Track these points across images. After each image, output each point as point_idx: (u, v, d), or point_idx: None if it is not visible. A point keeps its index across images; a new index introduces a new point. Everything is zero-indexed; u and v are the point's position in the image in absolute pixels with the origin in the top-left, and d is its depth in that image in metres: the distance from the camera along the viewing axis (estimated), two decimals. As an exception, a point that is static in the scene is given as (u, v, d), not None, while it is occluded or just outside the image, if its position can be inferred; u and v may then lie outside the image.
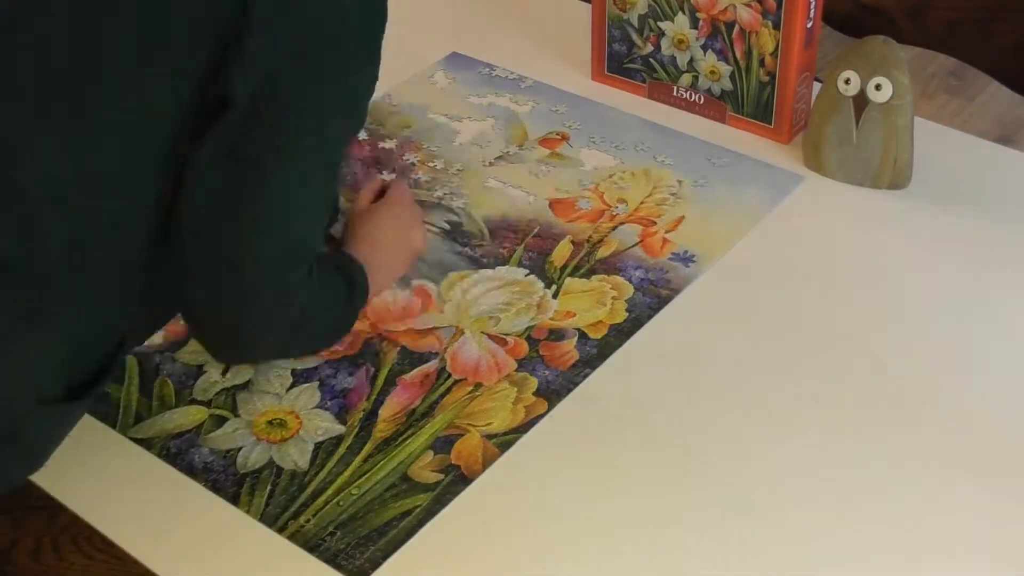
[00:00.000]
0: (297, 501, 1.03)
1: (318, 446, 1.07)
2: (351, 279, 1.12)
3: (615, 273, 1.24)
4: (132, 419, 1.10)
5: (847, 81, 1.29)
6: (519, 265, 1.25)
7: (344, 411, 1.10)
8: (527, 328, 1.18)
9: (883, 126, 1.30)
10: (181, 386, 1.13)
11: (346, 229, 1.24)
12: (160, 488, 1.05)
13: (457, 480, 1.04)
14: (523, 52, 1.58)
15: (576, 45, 1.56)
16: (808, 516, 1.01)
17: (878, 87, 1.28)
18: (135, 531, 1.02)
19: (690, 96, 1.46)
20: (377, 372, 1.14)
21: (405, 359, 1.15)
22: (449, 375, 1.14)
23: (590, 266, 1.25)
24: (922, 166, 1.34)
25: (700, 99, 1.46)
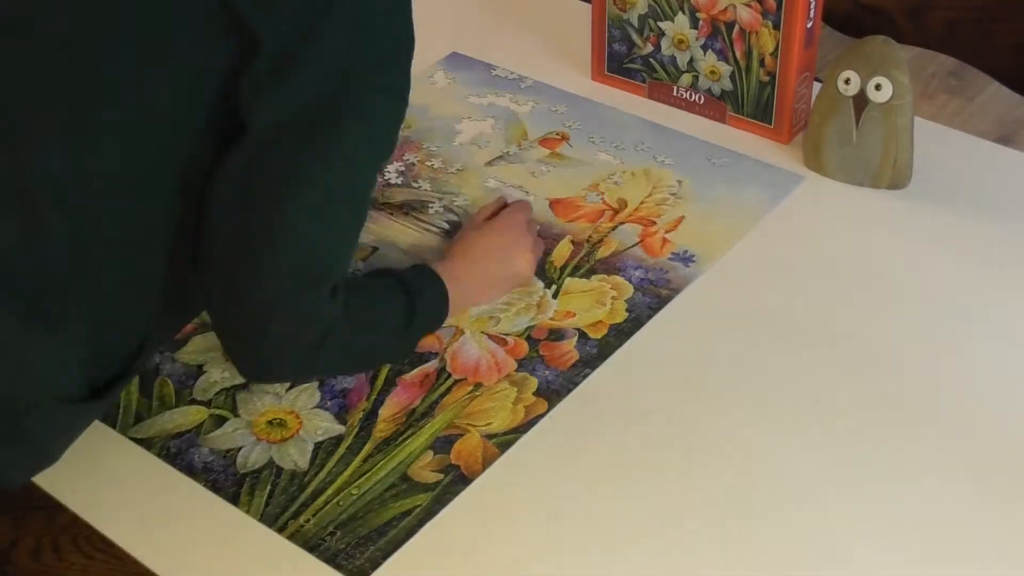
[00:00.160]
0: (297, 501, 1.03)
1: (318, 446, 1.07)
2: (413, 299, 1.09)
3: (615, 273, 1.24)
4: (132, 419, 1.10)
5: (847, 81, 1.29)
6: (519, 265, 1.25)
7: (344, 411, 1.10)
8: (527, 328, 1.18)
9: (883, 126, 1.30)
10: (181, 386, 1.13)
11: (453, 241, 1.23)
12: (160, 488, 1.05)
13: (457, 480, 1.04)
14: (523, 52, 1.58)
15: (576, 45, 1.56)
16: (808, 515, 1.01)
17: (878, 87, 1.28)
18: (135, 531, 1.02)
19: (690, 96, 1.46)
20: (377, 372, 1.14)
21: (405, 359, 1.15)
22: (449, 375, 1.14)
23: (590, 266, 1.25)
24: (922, 166, 1.34)
25: (700, 99, 1.46)
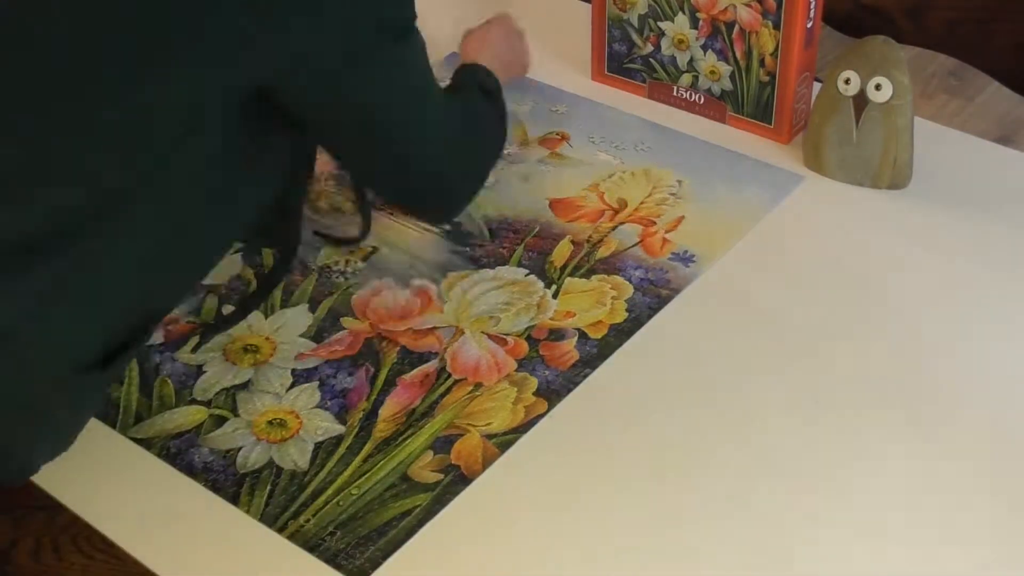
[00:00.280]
0: (297, 501, 1.03)
1: (318, 446, 1.07)
2: (488, 88, 1.25)
3: (615, 273, 1.24)
4: (132, 419, 1.10)
5: (847, 81, 1.29)
6: (519, 265, 1.25)
7: (344, 411, 1.10)
8: (527, 328, 1.18)
9: (883, 126, 1.30)
10: (181, 386, 1.13)
11: (466, 52, 1.36)
12: (160, 488, 1.05)
13: (457, 480, 1.04)
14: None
15: (576, 45, 1.56)
16: (807, 514, 1.01)
17: (878, 87, 1.28)
18: (135, 531, 1.02)
19: (690, 96, 1.46)
20: (377, 372, 1.14)
21: (405, 359, 1.15)
22: (449, 375, 1.14)
23: (590, 266, 1.25)
24: (922, 166, 1.34)
25: (700, 99, 1.46)
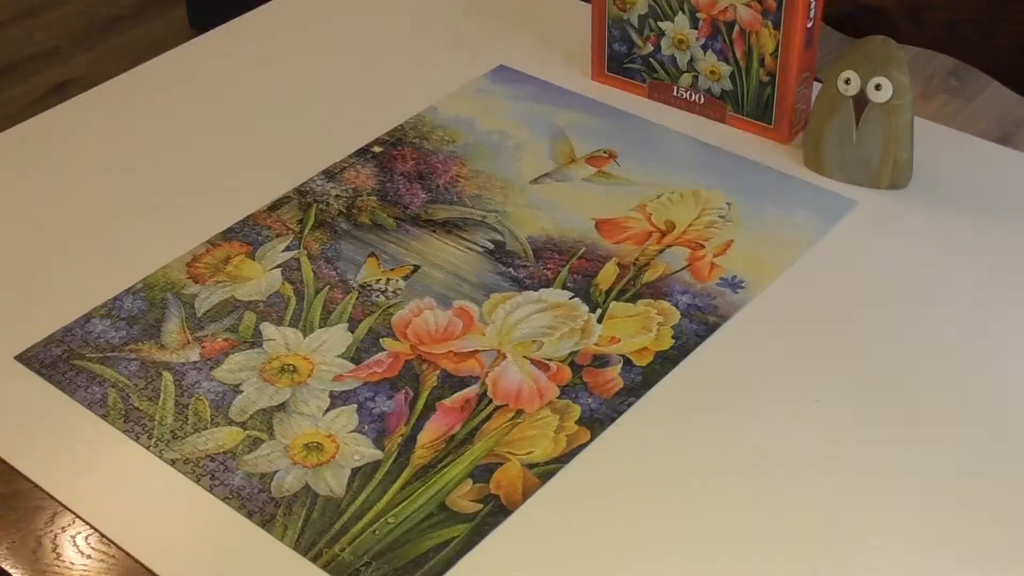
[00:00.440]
0: (332, 528, 1.00)
1: (355, 472, 1.05)
2: None
3: (661, 298, 1.21)
4: (168, 436, 1.08)
5: (847, 81, 1.29)
6: (563, 287, 1.23)
7: (382, 436, 1.08)
8: (571, 353, 1.15)
9: (883, 126, 1.29)
10: (217, 405, 1.11)
11: None
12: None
13: (496, 511, 1.02)
14: (523, 52, 1.57)
15: (576, 45, 1.55)
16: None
17: (878, 87, 1.28)
18: (136, 530, 1.00)
19: (690, 96, 1.45)
20: (416, 396, 1.11)
21: (445, 383, 1.13)
22: (490, 401, 1.11)
23: (636, 290, 1.22)
24: (922, 166, 1.34)
25: (700, 99, 1.45)
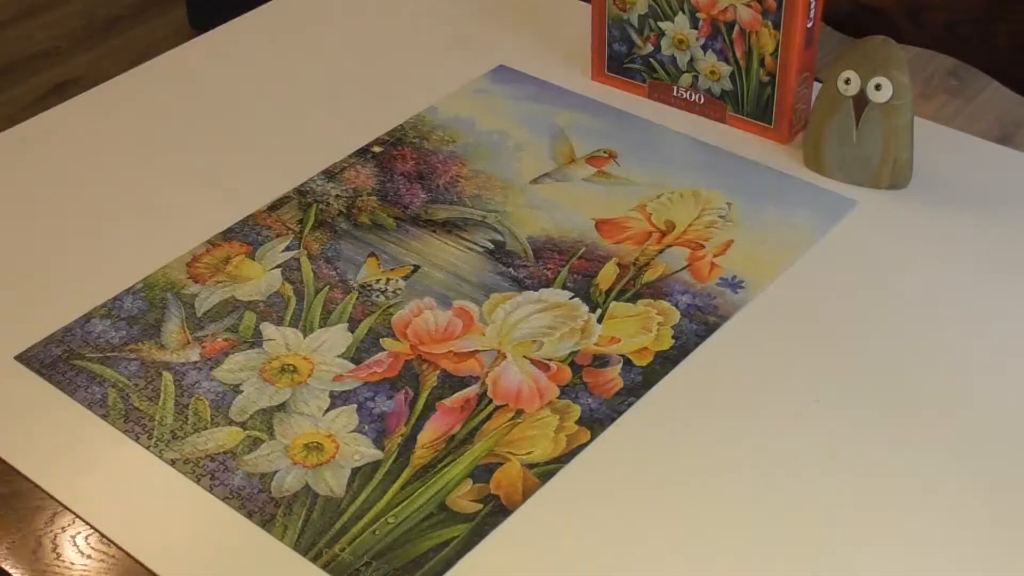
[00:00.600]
0: (332, 528, 1.00)
1: (355, 472, 1.05)
2: None
3: (661, 298, 1.21)
4: (168, 435, 1.08)
5: (847, 81, 1.29)
6: (563, 287, 1.23)
7: (382, 436, 1.08)
8: (571, 353, 1.15)
9: (883, 126, 1.30)
10: (217, 405, 1.11)
11: None
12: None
13: (496, 511, 1.02)
14: (523, 52, 1.57)
15: (576, 45, 1.55)
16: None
17: (878, 87, 1.28)
18: (136, 530, 1.00)
19: (690, 96, 1.45)
20: (416, 396, 1.11)
21: (445, 383, 1.13)
22: (490, 400, 1.11)
23: (636, 290, 1.22)
24: (922, 166, 1.34)
25: (700, 99, 1.45)
